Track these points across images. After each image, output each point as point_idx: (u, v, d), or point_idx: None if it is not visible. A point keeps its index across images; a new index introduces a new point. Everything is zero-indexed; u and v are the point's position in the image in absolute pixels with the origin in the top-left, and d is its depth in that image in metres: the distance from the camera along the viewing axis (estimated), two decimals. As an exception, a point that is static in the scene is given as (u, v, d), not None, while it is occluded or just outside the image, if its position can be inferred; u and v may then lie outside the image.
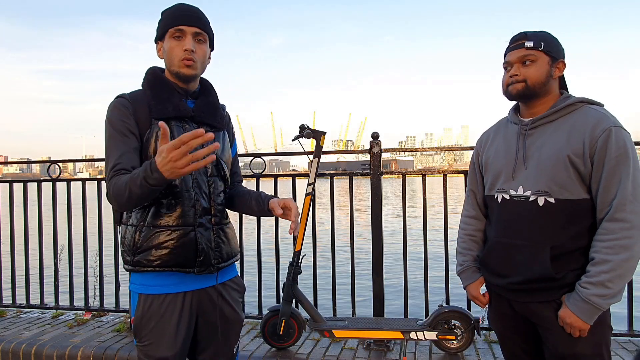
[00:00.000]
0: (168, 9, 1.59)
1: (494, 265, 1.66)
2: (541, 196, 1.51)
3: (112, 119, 1.51)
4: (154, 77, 1.60)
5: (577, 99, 1.56)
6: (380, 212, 3.15)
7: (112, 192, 1.42)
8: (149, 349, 1.53)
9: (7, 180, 3.87)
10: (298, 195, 3.29)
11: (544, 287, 1.52)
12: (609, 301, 1.43)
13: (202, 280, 1.59)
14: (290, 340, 2.90)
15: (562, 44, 1.63)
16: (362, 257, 3.67)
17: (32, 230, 3.72)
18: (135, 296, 1.55)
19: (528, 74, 1.57)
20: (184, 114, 1.56)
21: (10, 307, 3.83)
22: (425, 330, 2.74)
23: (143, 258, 1.51)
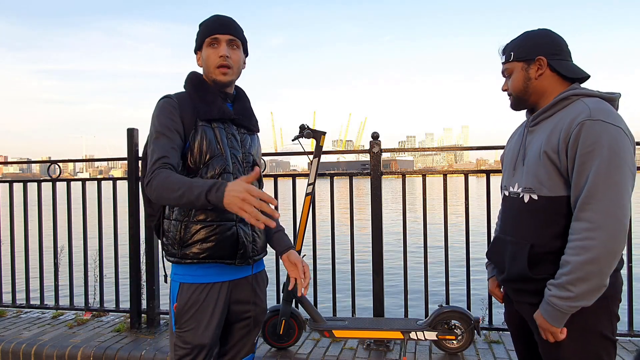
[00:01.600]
0: (205, 21, 1.72)
1: (493, 260, 1.71)
2: (527, 193, 1.51)
3: (161, 117, 1.60)
4: (197, 80, 1.71)
5: (572, 92, 1.47)
6: (380, 212, 3.15)
7: (159, 183, 1.46)
8: (187, 335, 1.63)
9: (7, 180, 3.87)
10: (298, 195, 3.29)
11: (527, 288, 1.51)
12: (572, 304, 1.34)
13: (240, 270, 1.72)
14: (290, 340, 2.90)
15: (546, 36, 1.55)
16: (362, 257, 3.67)
17: (32, 230, 3.71)
18: (176, 285, 1.66)
19: (509, 87, 1.62)
20: (227, 117, 1.69)
21: (10, 307, 3.83)
22: (425, 330, 2.74)
23: (189, 251, 1.62)
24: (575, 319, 1.40)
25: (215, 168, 1.62)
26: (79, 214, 3.55)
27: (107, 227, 3.48)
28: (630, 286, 2.92)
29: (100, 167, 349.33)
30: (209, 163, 1.62)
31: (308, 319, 2.91)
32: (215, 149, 1.64)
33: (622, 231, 1.32)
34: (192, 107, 1.64)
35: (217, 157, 1.63)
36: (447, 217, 3.09)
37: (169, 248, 1.67)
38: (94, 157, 3.33)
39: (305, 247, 2.93)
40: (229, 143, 1.69)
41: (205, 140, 1.62)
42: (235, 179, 1.62)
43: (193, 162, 1.62)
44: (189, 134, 1.62)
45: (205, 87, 1.69)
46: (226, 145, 1.67)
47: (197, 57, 1.75)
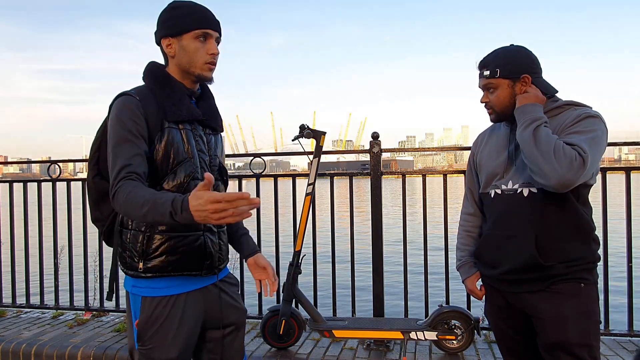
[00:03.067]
0: (184, 7, 1.54)
1: (486, 257, 1.76)
2: (525, 187, 1.62)
3: (123, 119, 1.44)
4: (162, 76, 1.56)
5: (565, 102, 1.65)
6: (380, 212, 3.15)
7: (124, 199, 1.34)
8: (152, 352, 1.51)
9: (7, 180, 3.87)
10: (298, 195, 3.29)
11: (532, 277, 1.61)
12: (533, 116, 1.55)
13: (204, 279, 1.61)
14: (290, 340, 2.90)
15: (527, 54, 1.68)
16: (362, 257, 3.67)
17: (32, 231, 3.72)
18: (137, 299, 1.53)
19: (493, 102, 1.70)
20: (195, 117, 1.56)
21: (10, 307, 3.83)
22: (425, 330, 2.74)
23: (152, 264, 1.50)
24: (579, 305, 1.58)
25: (182, 175, 1.50)
26: (79, 214, 3.55)
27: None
28: (630, 286, 2.92)
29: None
30: (176, 169, 1.49)
31: (308, 319, 2.91)
32: (183, 154, 1.50)
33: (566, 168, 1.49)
34: (157, 106, 1.49)
35: (185, 162, 1.51)
36: (447, 217, 3.09)
37: (128, 260, 1.54)
38: (94, 157, 3.36)
39: (305, 247, 2.93)
40: (197, 146, 1.56)
41: (172, 144, 1.48)
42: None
43: (159, 168, 1.49)
44: (154, 136, 1.47)
45: (171, 84, 1.55)
46: (194, 148, 1.55)
47: (165, 42, 1.55)
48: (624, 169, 2.94)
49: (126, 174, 1.39)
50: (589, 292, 1.61)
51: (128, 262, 1.54)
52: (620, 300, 3.11)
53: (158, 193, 1.33)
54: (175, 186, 1.49)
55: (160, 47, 1.59)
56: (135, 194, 1.33)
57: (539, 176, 1.50)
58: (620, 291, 3.12)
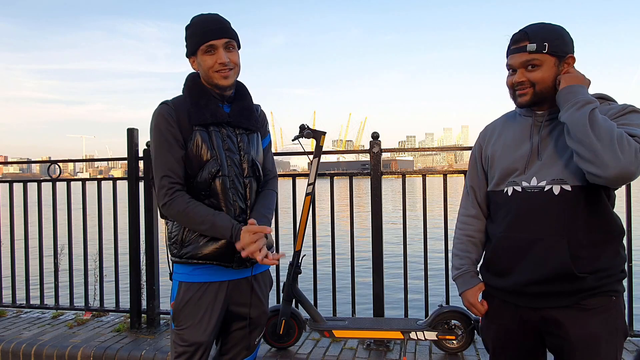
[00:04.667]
0: (193, 25, 1.69)
1: (500, 265, 1.53)
2: (557, 184, 1.41)
3: (160, 127, 1.65)
4: (193, 83, 1.73)
5: (596, 95, 1.49)
6: (380, 212, 3.15)
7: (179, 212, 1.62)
8: (185, 333, 1.67)
9: (7, 180, 3.87)
10: (298, 195, 3.29)
11: (559, 289, 1.41)
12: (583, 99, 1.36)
13: (238, 272, 1.74)
14: (290, 340, 2.90)
15: (569, 34, 1.50)
16: (362, 257, 3.67)
17: (32, 230, 3.72)
18: (176, 284, 1.72)
19: (535, 79, 1.47)
20: (220, 120, 1.70)
21: (10, 307, 3.83)
22: (425, 330, 2.74)
23: (188, 251, 1.67)
24: (609, 322, 1.43)
25: (210, 171, 1.66)
26: (79, 214, 3.55)
27: (107, 227, 3.47)
28: (630, 286, 2.92)
29: (100, 167, 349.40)
30: (205, 166, 1.66)
31: (308, 319, 2.91)
32: (209, 153, 1.67)
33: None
34: (186, 111, 1.67)
35: (209, 161, 1.67)
36: (447, 217, 3.09)
37: (172, 248, 1.73)
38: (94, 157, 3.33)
39: (305, 247, 2.93)
40: (224, 145, 1.70)
41: (199, 145, 1.66)
42: (231, 182, 1.69)
43: (190, 166, 1.67)
44: (187, 139, 1.66)
45: (200, 90, 1.71)
46: (221, 148, 1.69)
47: (190, 61, 1.74)
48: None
49: (170, 184, 1.64)
50: (619, 306, 1.45)
51: (172, 249, 1.73)
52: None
53: (215, 214, 1.63)
54: (204, 180, 1.66)
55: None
56: (193, 210, 1.62)
57: (594, 165, 1.28)
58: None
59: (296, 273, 2.85)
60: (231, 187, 1.70)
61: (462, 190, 1.76)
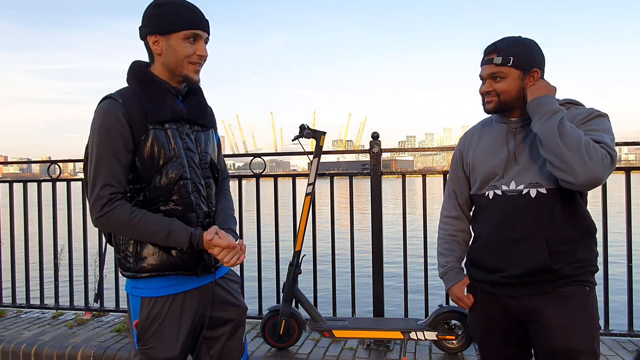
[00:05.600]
0: (173, 4, 1.51)
1: (487, 262, 1.65)
2: (533, 188, 1.54)
3: (108, 127, 1.44)
4: (144, 75, 1.54)
5: (565, 100, 1.61)
6: (380, 212, 3.15)
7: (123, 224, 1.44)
8: (153, 351, 1.52)
9: (7, 180, 3.87)
10: (298, 195, 3.29)
11: (540, 279, 1.54)
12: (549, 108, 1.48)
13: (202, 278, 1.60)
14: (290, 340, 2.90)
15: (538, 48, 1.61)
16: (362, 257, 3.67)
17: (32, 230, 3.71)
18: (137, 300, 1.54)
19: (500, 90, 1.59)
20: (179, 116, 1.55)
21: (10, 307, 3.83)
22: (425, 330, 2.74)
23: (147, 264, 1.51)
24: (585, 310, 1.53)
25: (170, 175, 1.50)
26: (79, 214, 3.55)
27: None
28: (630, 286, 2.92)
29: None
30: (163, 170, 1.49)
31: (308, 319, 2.91)
32: (168, 154, 1.50)
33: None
34: (140, 107, 1.48)
35: (171, 162, 1.50)
36: (447, 217, 3.09)
37: (123, 262, 1.55)
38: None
39: (305, 247, 2.93)
40: (183, 145, 1.55)
41: (156, 145, 1.48)
42: (193, 184, 1.55)
43: (144, 170, 1.49)
44: (138, 138, 1.47)
45: (154, 84, 1.53)
46: (180, 147, 1.53)
47: (151, 40, 1.52)
48: (624, 169, 2.94)
49: (110, 194, 1.44)
50: (592, 296, 1.57)
51: (124, 263, 1.55)
52: (620, 301, 3.11)
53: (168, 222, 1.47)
54: (164, 185, 1.50)
55: (145, 43, 1.56)
56: (140, 221, 1.45)
57: (564, 172, 1.40)
58: (620, 291, 3.12)
59: (296, 273, 2.85)
60: (193, 190, 1.55)
61: (444, 192, 1.92)
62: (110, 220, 1.44)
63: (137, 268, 1.52)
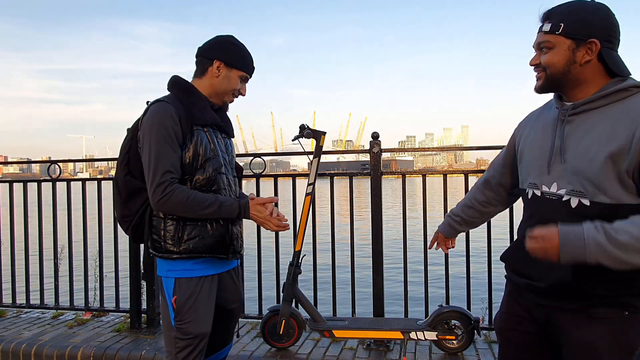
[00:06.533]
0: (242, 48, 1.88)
1: (518, 265, 1.49)
2: (575, 197, 1.29)
3: (165, 125, 1.70)
4: (188, 87, 1.85)
5: (633, 82, 1.27)
6: (380, 212, 3.15)
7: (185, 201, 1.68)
8: (189, 326, 1.75)
9: (7, 180, 3.87)
10: (298, 195, 3.29)
11: (567, 295, 1.33)
12: (605, 247, 1.16)
13: (227, 264, 1.90)
14: (290, 340, 2.90)
15: (605, 16, 1.31)
16: (362, 257, 3.67)
17: (32, 230, 3.71)
18: (170, 281, 1.77)
19: (546, 63, 1.34)
20: (216, 123, 1.87)
21: (10, 307, 3.82)
22: (425, 330, 2.74)
23: (188, 246, 1.74)
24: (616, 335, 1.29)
25: (210, 170, 1.77)
26: (79, 214, 3.55)
27: (107, 227, 3.47)
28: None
29: (100, 167, 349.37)
30: (205, 165, 1.77)
31: (308, 319, 2.91)
32: (209, 152, 1.78)
33: None
34: (186, 111, 1.75)
35: (212, 159, 1.78)
36: (447, 217, 3.09)
37: (164, 245, 1.77)
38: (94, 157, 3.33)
39: (306, 247, 2.93)
40: (219, 146, 1.86)
41: (201, 144, 1.76)
42: (227, 179, 1.85)
43: (189, 164, 1.75)
44: (185, 137, 1.74)
45: (197, 94, 1.83)
46: (218, 147, 1.84)
47: (217, 65, 1.83)
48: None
49: (171, 179, 1.69)
50: (634, 322, 1.29)
51: (163, 247, 1.77)
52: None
53: (218, 196, 1.76)
54: (205, 179, 1.76)
55: (205, 61, 1.85)
56: (197, 196, 1.71)
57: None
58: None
59: (296, 273, 2.85)
60: (228, 183, 1.86)
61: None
62: (171, 199, 1.67)
63: (179, 249, 1.74)
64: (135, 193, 1.81)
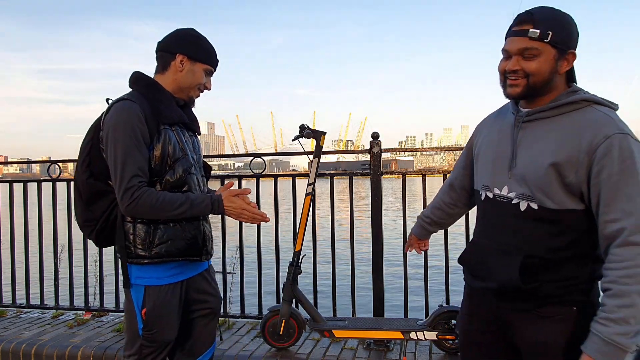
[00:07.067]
0: (206, 41, 1.81)
1: (471, 267, 1.53)
2: (524, 200, 1.33)
3: (131, 125, 1.62)
4: (152, 84, 1.77)
5: (584, 96, 1.31)
6: (380, 212, 3.15)
7: (155, 204, 1.61)
8: (156, 336, 1.70)
9: (7, 180, 3.87)
10: (298, 195, 3.29)
11: (517, 296, 1.36)
12: (635, 340, 1.18)
13: (199, 266, 1.86)
14: (290, 340, 2.90)
15: (576, 27, 1.33)
16: (362, 257, 3.67)
17: (32, 230, 3.71)
18: (140, 289, 1.70)
19: (530, 70, 1.30)
20: (183, 121, 1.81)
21: (10, 307, 3.83)
22: (425, 330, 2.74)
23: (161, 250, 1.68)
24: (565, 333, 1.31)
25: (180, 171, 1.72)
26: (79, 214, 3.54)
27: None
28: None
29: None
30: (175, 165, 1.71)
31: (308, 319, 2.91)
32: (178, 152, 1.73)
33: None
34: (152, 109, 1.68)
35: (181, 159, 1.73)
36: (447, 217, 3.08)
37: (134, 250, 1.69)
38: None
39: (305, 247, 2.93)
40: (187, 145, 1.81)
41: (169, 143, 1.70)
42: (196, 179, 1.81)
43: (157, 165, 1.69)
44: (152, 136, 1.67)
45: (162, 91, 1.76)
46: (187, 147, 1.79)
47: (179, 59, 1.76)
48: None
49: (139, 182, 1.62)
50: (582, 318, 1.29)
51: (134, 252, 1.69)
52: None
53: (188, 194, 1.69)
54: (175, 180, 1.71)
55: (167, 55, 1.77)
56: (166, 197, 1.64)
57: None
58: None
59: (296, 273, 2.85)
60: (197, 184, 1.82)
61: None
62: (140, 203, 1.60)
63: (150, 254, 1.68)
64: (98, 196, 1.71)
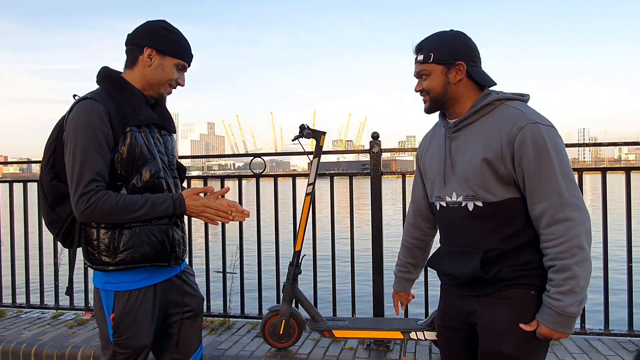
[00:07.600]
0: (177, 34, 1.70)
1: (442, 266, 1.65)
2: (470, 201, 1.49)
3: (93, 126, 1.54)
4: (120, 82, 1.67)
5: (494, 97, 1.51)
6: (380, 212, 3.15)
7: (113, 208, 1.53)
8: (128, 341, 1.63)
9: (7, 180, 3.87)
10: (298, 195, 3.29)
11: (481, 284, 1.50)
12: (582, 306, 1.38)
13: (169, 271, 1.76)
14: (290, 340, 2.89)
15: (464, 41, 1.55)
16: (362, 257, 3.67)
17: (32, 230, 3.71)
18: (110, 295, 1.64)
19: (427, 87, 1.57)
20: (153, 122, 1.70)
21: (10, 307, 3.83)
22: (425, 330, 2.74)
23: (126, 257, 1.61)
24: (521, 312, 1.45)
25: (147, 175, 1.63)
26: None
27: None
28: (630, 286, 2.92)
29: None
30: (141, 169, 1.62)
31: (308, 319, 2.91)
32: (146, 155, 1.63)
33: (589, 217, 1.41)
34: (117, 110, 1.59)
35: (149, 162, 1.63)
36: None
37: (98, 256, 1.62)
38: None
39: (305, 247, 2.93)
40: (156, 147, 1.70)
41: (136, 146, 1.60)
42: (167, 182, 1.71)
43: (123, 169, 1.60)
44: (117, 139, 1.58)
45: (130, 90, 1.65)
46: (155, 149, 1.68)
47: (147, 53, 1.65)
48: (624, 169, 2.94)
49: (96, 187, 1.54)
50: (538, 300, 1.45)
51: (98, 258, 1.63)
52: (620, 300, 3.11)
53: (148, 196, 1.60)
54: (142, 184, 1.62)
55: (135, 49, 1.68)
56: (125, 200, 1.56)
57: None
58: (620, 291, 3.12)
59: (296, 273, 2.85)
60: (167, 188, 1.71)
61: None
62: (97, 208, 1.52)
63: (115, 261, 1.60)
64: (63, 198, 1.65)
